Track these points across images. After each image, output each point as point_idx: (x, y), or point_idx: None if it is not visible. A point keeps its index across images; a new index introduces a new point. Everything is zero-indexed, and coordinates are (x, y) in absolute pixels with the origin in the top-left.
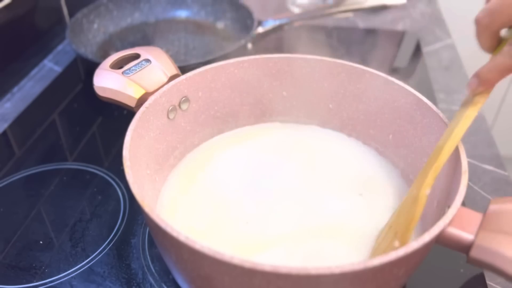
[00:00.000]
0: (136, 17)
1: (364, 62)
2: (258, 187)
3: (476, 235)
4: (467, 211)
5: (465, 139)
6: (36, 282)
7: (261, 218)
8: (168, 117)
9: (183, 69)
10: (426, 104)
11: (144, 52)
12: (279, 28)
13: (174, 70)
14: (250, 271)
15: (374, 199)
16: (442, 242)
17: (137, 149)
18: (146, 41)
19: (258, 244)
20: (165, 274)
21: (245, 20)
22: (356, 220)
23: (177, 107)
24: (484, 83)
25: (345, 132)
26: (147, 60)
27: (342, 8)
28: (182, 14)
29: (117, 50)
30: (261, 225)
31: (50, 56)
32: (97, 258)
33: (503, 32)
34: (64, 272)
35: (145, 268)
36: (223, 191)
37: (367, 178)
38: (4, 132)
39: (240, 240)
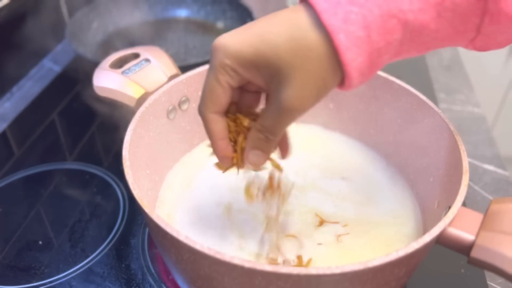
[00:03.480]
0: (136, 17)
1: None
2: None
3: (477, 235)
4: (468, 211)
5: (466, 139)
6: (36, 282)
7: (261, 216)
8: (168, 117)
9: (183, 69)
10: (426, 104)
11: (144, 51)
12: None
13: (174, 70)
14: (250, 271)
15: (375, 198)
16: (443, 242)
17: (136, 149)
18: (146, 41)
19: (258, 242)
20: (165, 274)
21: (245, 20)
22: (356, 219)
23: (177, 107)
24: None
25: (345, 132)
26: (147, 60)
27: None
28: (182, 13)
29: (117, 49)
30: (260, 223)
31: (50, 56)
32: (96, 259)
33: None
34: (63, 273)
35: (145, 268)
36: (223, 191)
37: (367, 178)
38: (3, 132)
39: (241, 238)
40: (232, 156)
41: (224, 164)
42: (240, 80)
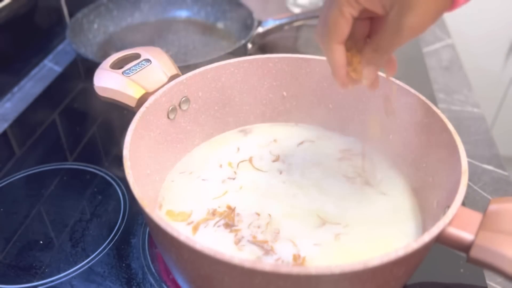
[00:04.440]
0: (136, 17)
1: None
2: (258, 186)
3: (476, 235)
4: (467, 211)
5: (465, 139)
6: (36, 282)
7: (260, 215)
8: (168, 117)
9: (183, 69)
10: (426, 104)
11: (144, 52)
12: (279, 28)
13: (174, 70)
14: (250, 271)
15: (375, 198)
16: (442, 242)
17: (137, 149)
18: (146, 41)
19: (258, 242)
20: (165, 273)
21: (245, 20)
22: (356, 219)
23: (177, 107)
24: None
25: (345, 132)
26: (147, 60)
27: None
28: (182, 14)
29: (117, 50)
30: (260, 222)
31: (50, 56)
32: (97, 258)
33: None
34: (64, 272)
35: (145, 268)
36: (223, 190)
37: (367, 178)
38: (4, 132)
39: (240, 237)
40: (348, 82)
41: (341, 87)
42: (360, 10)
